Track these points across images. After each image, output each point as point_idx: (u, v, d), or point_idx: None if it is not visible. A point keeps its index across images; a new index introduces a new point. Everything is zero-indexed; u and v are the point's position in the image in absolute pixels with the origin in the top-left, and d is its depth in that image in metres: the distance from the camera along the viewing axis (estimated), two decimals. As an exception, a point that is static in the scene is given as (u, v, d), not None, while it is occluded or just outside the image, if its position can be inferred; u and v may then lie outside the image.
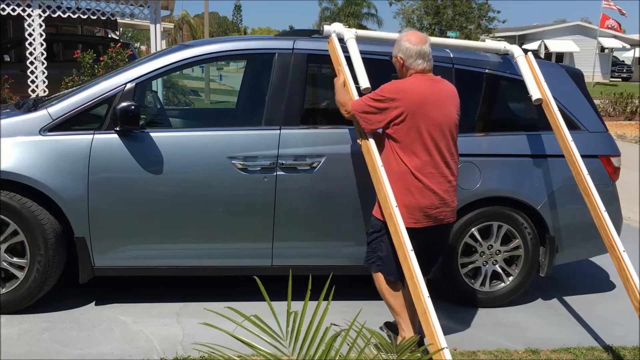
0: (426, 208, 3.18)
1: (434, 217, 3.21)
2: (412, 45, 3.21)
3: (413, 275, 2.98)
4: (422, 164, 3.15)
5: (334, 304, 2.46)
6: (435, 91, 3.19)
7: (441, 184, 3.20)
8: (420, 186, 3.15)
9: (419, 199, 3.16)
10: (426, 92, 3.16)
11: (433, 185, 3.17)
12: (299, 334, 2.05)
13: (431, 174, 3.17)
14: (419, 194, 3.16)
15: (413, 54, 3.21)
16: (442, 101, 3.20)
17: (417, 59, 3.21)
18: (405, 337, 3.27)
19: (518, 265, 4.15)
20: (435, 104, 3.16)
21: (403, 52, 3.24)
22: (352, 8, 44.96)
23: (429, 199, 3.17)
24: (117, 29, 20.79)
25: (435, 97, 3.18)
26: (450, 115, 3.22)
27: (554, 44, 42.00)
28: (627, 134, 13.72)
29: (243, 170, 3.72)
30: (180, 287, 4.28)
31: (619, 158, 4.28)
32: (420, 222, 3.19)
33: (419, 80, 3.20)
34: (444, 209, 3.23)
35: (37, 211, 3.60)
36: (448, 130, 3.20)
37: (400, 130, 3.14)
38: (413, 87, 3.16)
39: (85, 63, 8.58)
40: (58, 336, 3.51)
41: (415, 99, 3.12)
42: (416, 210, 3.16)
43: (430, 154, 3.15)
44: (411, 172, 3.15)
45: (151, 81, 4.09)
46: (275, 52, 3.91)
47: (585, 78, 4.53)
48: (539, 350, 3.60)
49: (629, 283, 3.36)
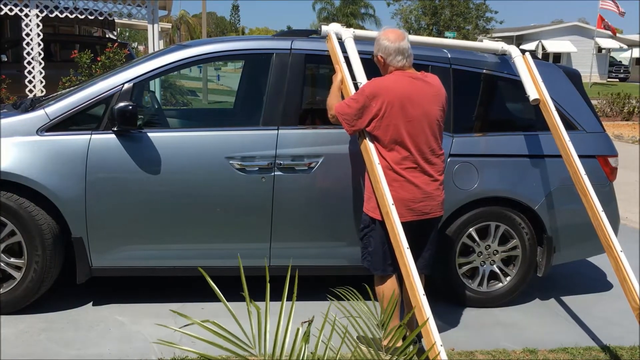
0: (409, 201, 3.20)
1: (418, 210, 3.24)
2: (390, 43, 3.24)
3: (409, 273, 3.00)
4: (401, 159, 3.20)
5: (333, 304, 2.46)
6: (414, 88, 3.21)
7: (422, 178, 3.23)
8: (401, 179, 3.20)
9: (400, 193, 3.19)
10: (405, 89, 3.19)
11: (413, 179, 3.21)
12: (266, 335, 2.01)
13: (411, 169, 3.21)
14: (400, 187, 3.20)
15: (392, 51, 3.24)
16: (422, 98, 3.21)
17: (397, 56, 3.24)
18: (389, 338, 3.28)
19: (516, 265, 4.16)
20: (414, 100, 3.18)
21: (382, 51, 3.28)
22: (350, 8, 44.99)
23: (410, 192, 3.20)
24: (115, 29, 20.78)
25: (415, 94, 3.20)
26: (430, 112, 3.23)
27: (552, 45, 42.06)
28: (624, 135, 13.75)
29: (241, 171, 3.72)
30: (177, 288, 4.27)
31: (616, 158, 4.29)
32: (404, 216, 3.20)
33: (398, 77, 3.23)
34: (428, 202, 3.25)
35: (35, 211, 3.59)
36: (428, 127, 3.22)
37: (380, 127, 3.18)
38: (391, 85, 3.19)
39: (82, 63, 8.58)
40: (55, 336, 3.51)
41: (393, 96, 3.16)
42: (399, 204, 3.19)
43: (409, 150, 3.19)
44: (391, 167, 3.20)
45: (149, 81, 4.09)
46: (273, 52, 3.91)
47: (582, 78, 4.53)
48: (537, 350, 3.61)
49: (626, 283, 3.37)
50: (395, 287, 3.34)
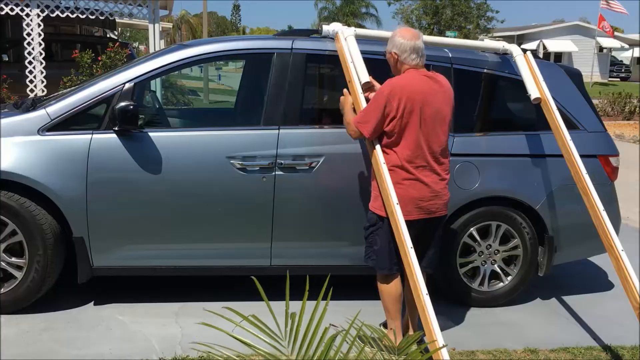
0: (418, 200, 3.21)
1: (426, 209, 3.24)
2: (406, 41, 3.24)
3: (413, 272, 3.00)
4: (412, 157, 3.19)
5: (332, 304, 2.45)
6: (429, 87, 3.22)
7: (432, 177, 3.23)
8: (411, 178, 3.19)
9: (409, 191, 3.19)
10: (421, 88, 3.19)
11: (424, 178, 3.21)
12: (297, 333, 2.05)
13: (422, 167, 3.21)
14: (410, 186, 3.20)
15: (407, 48, 3.23)
16: (435, 97, 3.22)
17: (411, 54, 3.24)
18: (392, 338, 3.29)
19: (517, 265, 4.15)
20: (428, 100, 3.19)
21: (397, 48, 3.26)
22: (351, 7, 44.97)
23: (420, 190, 3.20)
24: (116, 29, 20.78)
25: (429, 93, 3.20)
26: (442, 112, 3.25)
27: (553, 44, 42.02)
28: (626, 134, 13.73)
29: (242, 170, 3.72)
30: (179, 287, 4.27)
31: (617, 158, 4.29)
32: (412, 214, 3.21)
33: (415, 76, 3.23)
34: (436, 202, 3.26)
35: (36, 211, 3.59)
36: (440, 126, 3.23)
37: (397, 126, 3.17)
38: (408, 83, 3.19)
39: (83, 63, 8.58)
40: (57, 336, 3.51)
41: (411, 95, 3.15)
42: (408, 202, 3.19)
43: (420, 148, 3.19)
44: (402, 165, 3.19)
45: (150, 81, 4.10)
46: (274, 51, 3.91)
47: (583, 78, 4.53)
48: (538, 349, 3.60)
49: (627, 282, 3.36)
50: (399, 287, 3.33)
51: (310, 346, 2.03)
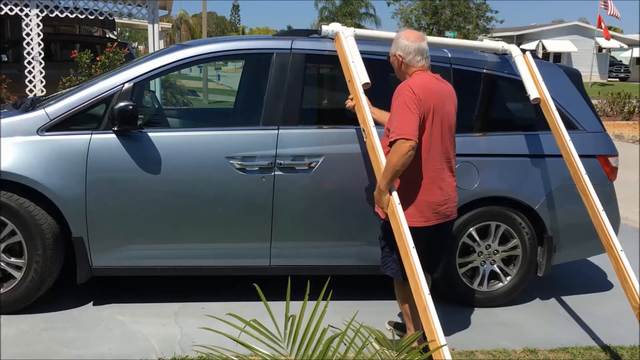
0: (435, 205, 3.19)
1: (442, 213, 3.23)
2: (411, 42, 3.22)
3: (414, 272, 2.99)
4: (430, 160, 3.16)
5: (332, 304, 2.45)
6: (440, 89, 3.21)
7: (446, 179, 3.22)
8: (429, 182, 3.17)
9: (427, 196, 3.17)
10: (436, 89, 3.17)
11: (439, 181, 3.19)
12: (296, 335, 2.05)
13: (439, 170, 3.19)
14: (428, 190, 3.17)
15: (412, 50, 3.21)
16: (446, 99, 3.22)
17: (416, 56, 3.22)
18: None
19: (516, 265, 4.16)
20: (442, 102, 3.18)
21: (402, 50, 3.24)
22: (350, 7, 44.96)
23: (436, 195, 3.19)
24: (115, 29, 20.77)
25: (442, 96, 3.19)
26: (451, 113, 3.25)
27: (552, 44, 42.05)
28: (625, 134, 13.74)
29: (241, 170, 3.72)
30: (178, 287, 4.27)
31: (616, 158, 4.29)
32: (430, 220, 3.19)
33: (428, 78, 3.20)
34: (449, 205, 3.26)
35: (35, 211, 3.59)
36: (449, 127, 3.23)
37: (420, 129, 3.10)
38: (428, 85, 3.15)
39: (82, 63, 8.57)
40: (56, 336, 3.51)
41: (432, 96, 3.12)
42: (426, 208, 3.17)
43: (437, 151, 3.17)
44: (420, 169, 3.15)
45: (149, 81, 4.09)
46: (274, 52, 3.91)
47: (582, 78, 4.53)
48: (537, 349, 3.60)
49: (626, 282, 3.36)
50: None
51: (309, 347, 2.03)
